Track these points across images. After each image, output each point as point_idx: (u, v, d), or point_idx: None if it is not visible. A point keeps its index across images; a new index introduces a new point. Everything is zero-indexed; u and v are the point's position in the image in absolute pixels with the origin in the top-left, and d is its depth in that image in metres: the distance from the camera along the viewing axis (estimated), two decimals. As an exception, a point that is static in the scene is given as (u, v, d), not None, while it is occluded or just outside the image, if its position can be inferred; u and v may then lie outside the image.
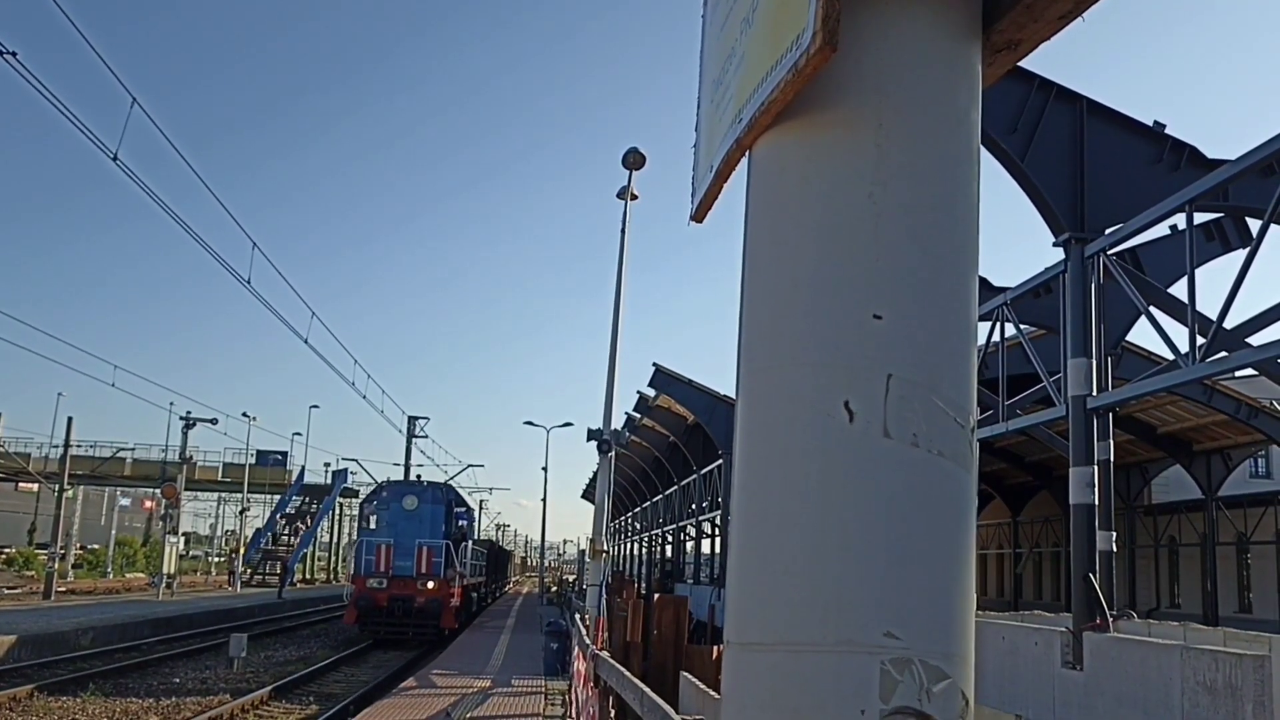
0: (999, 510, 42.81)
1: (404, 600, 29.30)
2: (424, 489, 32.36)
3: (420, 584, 29.51)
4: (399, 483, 33.67)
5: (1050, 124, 14.36)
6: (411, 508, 30.58)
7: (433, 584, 29.44)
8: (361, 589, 29.55)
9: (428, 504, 30.98)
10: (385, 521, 30.69)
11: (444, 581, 29.61)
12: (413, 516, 30.47)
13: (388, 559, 29.94)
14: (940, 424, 1.39)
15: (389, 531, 30.37)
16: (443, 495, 32.13)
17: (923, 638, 1.34)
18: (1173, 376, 13.43)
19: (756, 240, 1.54)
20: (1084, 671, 12.30)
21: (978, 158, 1.53)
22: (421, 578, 29.61)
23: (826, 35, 1.29)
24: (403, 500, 30.95)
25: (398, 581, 29.54)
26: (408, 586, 29.46)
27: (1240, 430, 27.81)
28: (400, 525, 30.32)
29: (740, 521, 1.47)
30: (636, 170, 18.89)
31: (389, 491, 32.22)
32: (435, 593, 29.29)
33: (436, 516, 30.76)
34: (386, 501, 31.35)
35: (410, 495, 31.31)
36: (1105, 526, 15.54)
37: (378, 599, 29.31)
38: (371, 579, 29.56)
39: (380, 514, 31.08)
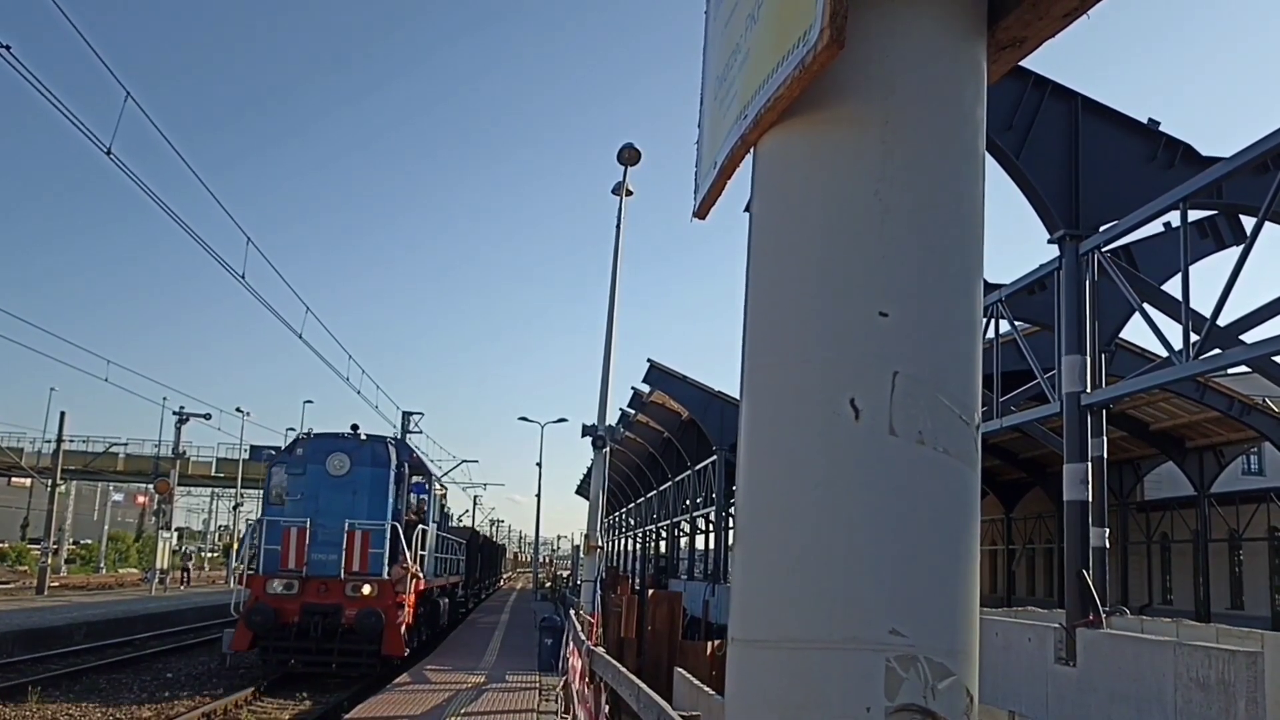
0: (992, 506, 42.91)
1: (325, 613, 19.64)
2: (360, 444, 21.24)
3: (350, 588, 19.89)
4: (323, 436, 21.52)
5: (1045, 121, 14.39)
6: (340, 471, 20.60)
7: (369, 588, 19.85)
8: (259, 596, 19.68)
9: (365, 466, 20.86)
10: (300, 493, 20.62)
11: (388, 584, 20.05)
12: (342, 485, 20.57)
13: (300, 550, 19.96)
14: (945, 421, 1.40)
15: (304, 507, 20.36)
16: (388, 455, 21.41)
17: (928, 635, 1.34)
18: (1166, 373, 13.47)
19: (761, 237, 1.54)
20: (1077, 667, 12.34)
21: (983, 155, 1.54)
22: (353, 578, 19.95)
23: (834, 32, 1.29)
24: (327, 460, 20.69)
25: (315, 585, 19.87)
26: (331, 592, 19.88)
27: (1233, 427, 27.89)
28: (323, 498, 20.42)
29: (745, 518, 1.47)
30: (631, 166, 18.92)
31: (307, 448, 21.27)
32: (374, 600, 19.77)
33: (379, 485, 20.88)
34: (302, 462, 20.92)
35: (339, 453, 20.78)
36: (1098, 523, 15.59)
37: (284, 612, 19.60)
38: (275, 580, 19.78)
39: (293, 481, 20.84)
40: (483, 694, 16.18)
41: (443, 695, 15.70)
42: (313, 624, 19.61)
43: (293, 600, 19.71)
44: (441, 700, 15.18)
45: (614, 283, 19.99)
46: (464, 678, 18.01)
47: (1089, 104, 14.73)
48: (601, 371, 20.00)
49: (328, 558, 20.08)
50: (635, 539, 67.70)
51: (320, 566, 20.05)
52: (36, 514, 58.30)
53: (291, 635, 19.66)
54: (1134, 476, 35.01)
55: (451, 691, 16.16)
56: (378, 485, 20.92)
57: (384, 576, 20.23)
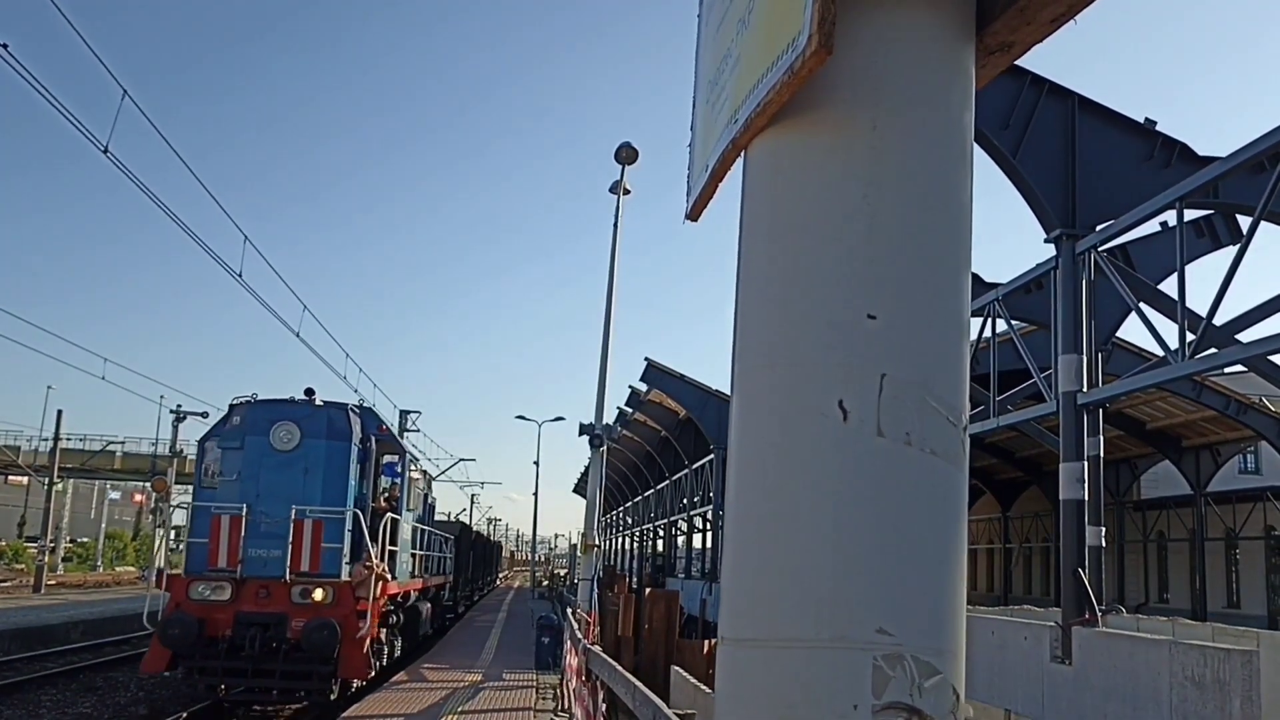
0: (989, 505, 42.98)
1: (265, 624, 15.56)
2: (314, 412, 17.12)
3: (298, 592, 15.74)
4: (267, 402, 17.39)
5: (1042, 121, 14.40)
6: (287, 445, 16.60)
7: (322, 592, 15.73)
8: (180, 602, 15.73)
9: (319, 439, 16.82)
10: (236, 472, 16.59)
11: (346, 587, 15.99)
12: (290, 462, 16.57)
13: (234, 544, 15.96)
14: (933, 423, 1.41)
15: (241, 490, 16.36)
16: (349, 425, 17.32)
17: (915, 634, 1.36)
18: (1162, 372, 13.50)
19: (751, 240, 1.56)
20: (1073, 666, 12.36)
21: (971, 159, 1.55)
22: (302, 580, 15.87)
23: (822, 38, 1.31)
24: (271, 432, 16.63)
25: (253, 588, 15.76)
26: (273, 598, 15.74)
27: (1229, 426, 27.95)
28: (264, 479, 16.42)
29: (735, 519, 1.49)
30: (629, 165, 18.95)
31: (245, 416, 17.00)
32: (328, 609, 15.65)
33: (337, 463, 16.92)
34: (239, 433, 16.82)
35: (286, 423, 16.73)
36: (1095, 522, 15.61)
37: (212, 623, 15.54)
38: (201, 583, 15.74)
39: (227, 458, 16.86)
40: (480, 692, 16.21)
41: (440, 694, 15.73)
42: (249, 638, 15.36)
43: (223, 608, 15.59)
44: (438, 699, 15.21)
45: (611, 281, 20.03)
46: (461, 676, 18.03)
47: (1085, 103, 14.75)
48: (599, 370, 20.05)
49: (269, 554, 15.92)
50: (633, 538, 67.77)
51: (259, 565, 15.89)
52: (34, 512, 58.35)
53: (221, 653, 15.47)
54: (1130, 475, 35.07)
55: (448, 690, 16.19)
56: (335, 463, 16.81)
57: (342, 578, 16.08)
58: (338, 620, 15.48)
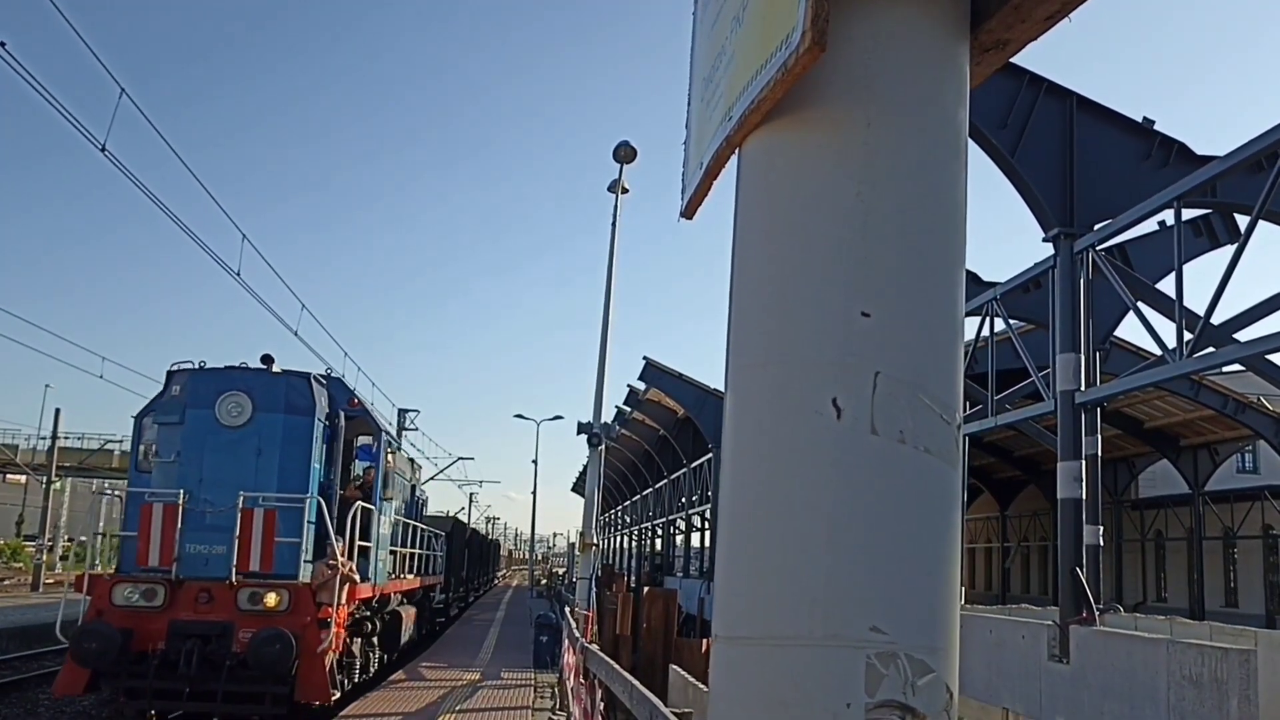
0: (988, 504, 43.03)
1: (205, 636, 12.88)
2: (271, 381, 14.40)
3: (247, 597, 13.15)
4: (212, 370, 14.60)
5: (1040, 120, 14.41)
6: (237, 420, 13.96)
7: (276, 596, 13.13)
8: (102, 608, 13.02)
9: (275, 413, 14.17)
10: (174, 452, 13.96)
11: (305, 591, 13.36)
12: (240, 441, 13.93)
13: (168, 538, 13.27)
14: (927, 421, 1.41)
15: (179, 474, 13.72)
16: (311, 397, 14.54)
17: (908, 632, 1.36)
18: (1160, 372, 13.50)
19: (745, 238, 1.56)
20: (1070, 665, 12.38)
21: (965, 157, 1.55)
22: (252, 582, 13.23)
23: (816, 35, 1.30)
24: (218, 404, 13.98)
25: (192, 592, 13.13)
26: (217, 603, 13.13)
27: (1227, 425, 27.98)
28: (209, 461, 13.79)
29: (728, 517, 1.49)
30: (627, 164, 18.93)
31: (187, 385, 14.26)
32: (283, 617, 13.04)
33: (297, 442, 14.24)
34: (179, 406, 14.11)
35: (235, 394, 14.05)
36: (1092, 521, 15.64)
37: (141, 633, 12.87)
38: (127, 585, 13.08)
39: (165, 435, 14.29)
40: (478, 691, 16.21)
41: (437, 692, 15.72)
42: (185, 653, 12.64)
43: (154, 616, 12.85)
44: (436, 698, 15.20)
45: (610, 280, 20.01)
46: (459, 675, 18.03)
47: (1084, 102, 14.75)
48: (597, 369, 20.03)
49: (211, 550, 13.25)
50: (631, 536, 67.79)
51: (199, 564, 13.24)
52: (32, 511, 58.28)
53: (151, 671, 12.63)
54: (1128, 474, 35.11)
55: (446, 689, 16.19)
56: (295, 441, 14.10)
57: (300, 579, 13.42)
58: (294, 631, 12.77)
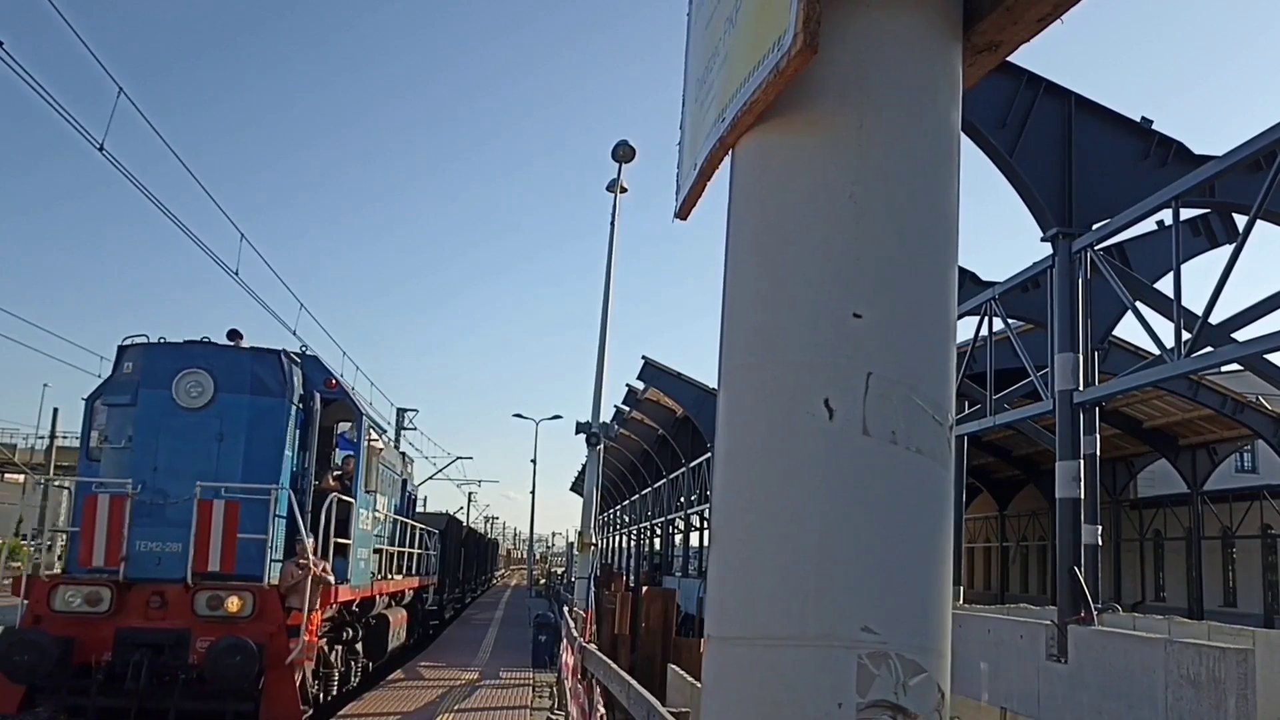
0: (986, 504, 43.03)
1: (157, 646, 11.42)
2: (235, 358, 12.99)
3: (206, 601, 11.66)
4: (169, 345, 12.91)
5: (1039, 120, 14.41)
6: (196, 401, 12.49)
7: (239, 600, 11.71)
8: (40, 614, 11.59)
9: (240, 393, 12.74)
10: (125, 437, 12.54)
11: (272, 595, 11.93)
12: (199, 425, 12.45)
13: (115, 534, 11.74)
14: (919, 421, 1.41)
15: (130, 461, 12.31)
16: (282, 376, 13.11)
17: (900, 632, 1.36)
18: (1158, 371, 13.50)
19: (738, 239, 1.56)
20: (1068, 664, 12.38)
21: (958, 158, 1.55)
22: (211, 583, 11.75)
23: (807, 37, 1.31)
24: (175, 383, 12.50)
25: (143, 595, 11.67)
26: (170, 609, 11.66)
27: (1226, 425, 27.98)
28: (164, 447, 12.34)
29: (721, 517, 1.49)
30: (626, 163, 18.94)
31: (141, 362, 12.75)
32: (246, 624, 11.64)
33: (265, 425, 12.81)
34: (131, 386, 12.62)
35: (195, 371, 12.60)
36: (1091, 520, 15.63)
37: (84, 643, 11.40)
38: (68, 588, 11.66)
39: (115, 418, 12.86)
40: (476, 690, 16.21)
41: (436, 692, 15.72)
42: (134, 665, 11.12)
43: (99, 623, 11.35)
44: (434, 697, 15.20)
45: (608, 279, 20.02)
46: (458, 674, 18.03)
47: (1082, 102, 14.75)
48: (596, 368, 20.04)
49: (165, 548, 11.71)
50: (630, 536, 67.81)
51: (150, 563, 11.71)
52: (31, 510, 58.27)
53: (95, 686, 11.16)
54: (1127, 474, 35.11)
55: (445, 688, 16.19)
56: (263, 425, 12.65)
57: (266, 581, 11.89)
58: (259, 640, 11.31)
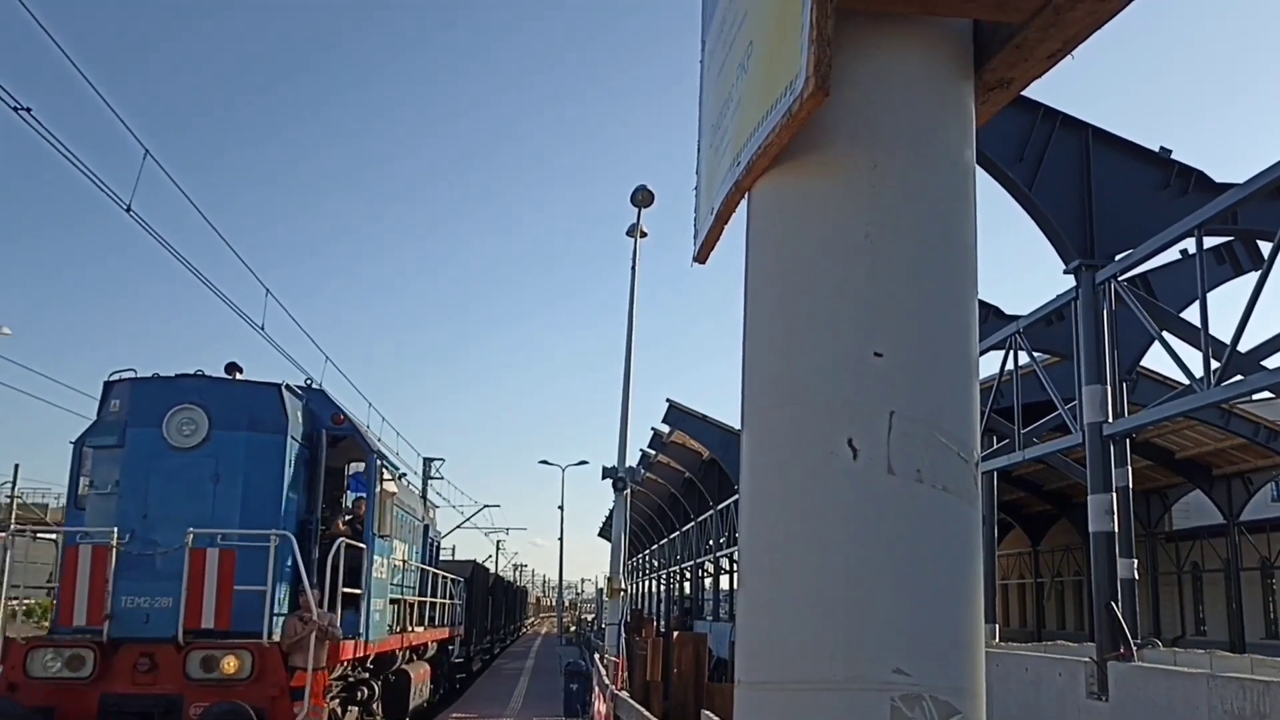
0: (1019, 540, 42.48)
1: (146, 713, 10.22)
2: (231, 392, 11.94)
3: (199, 663, 10.38)
4: (159, 380, 11.81)
5: (1056, 152, 14.41)
6: (189, 441, 11.43)
7: (235, 661, 10.38)
8: (15, 681, 10.17)
9: (237, 430, 11.70)
10: (111, 481, 11.59)
11: (273, 654, 10.55)
12: (192, 466, 11.43)
13: (98, 589, 10.55)
14: (943, 459, 1.41)
15: (119, 508, 11.18)
16: (282, 411, 12.09)
17: (932, 673, 1.35)
18: (1188, 401, 13.36)
19: (757, 281, 1.57)
20: (1109, 702, 12.15)
21: (973, 194, 1.56)
22: (205, 642, 10.46)
23: (819, 80, 1.32)
24: (166, 421, 11.39)
25: (130, 656, 10.37)
26: (160, 671, 10.34)
27: (1260, 454, 27.57)
28: (154, 491, 11.28)
29: (748, 560, 1.49)
30: (645, 208, 19.06)
31: (128, 398, 11.72)
32: (244, 687, 10.32)
33: (264, 465, 11.82)
34: (118, 425, 11.65)
35: (187, 408, 11.44)
36: (1126, 554, 15.42)
37: (65, 712, 10.12)
38: (47, 651, 10.37)
39: (102, 461, 11.91)
40: (508, 741, 16.07)
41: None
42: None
43: (81, 689, 10.19)
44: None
45: (631, 323, 20.09)
46: (489, 725, 17.89)
47: (1099, 134, 14.76)
48: (620, 412, 20.04)
49: (155, 603, 10.64)
50: (659, 581, 67.36)
51: (138, 621, 10.57)
52: (62, 569, 58.09)
53: None
54: (1161, 506, 34.60)
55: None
56: (262, 465, 11.60)
57: (266, 639, 10.55)
58: (259, 704, 10.22)
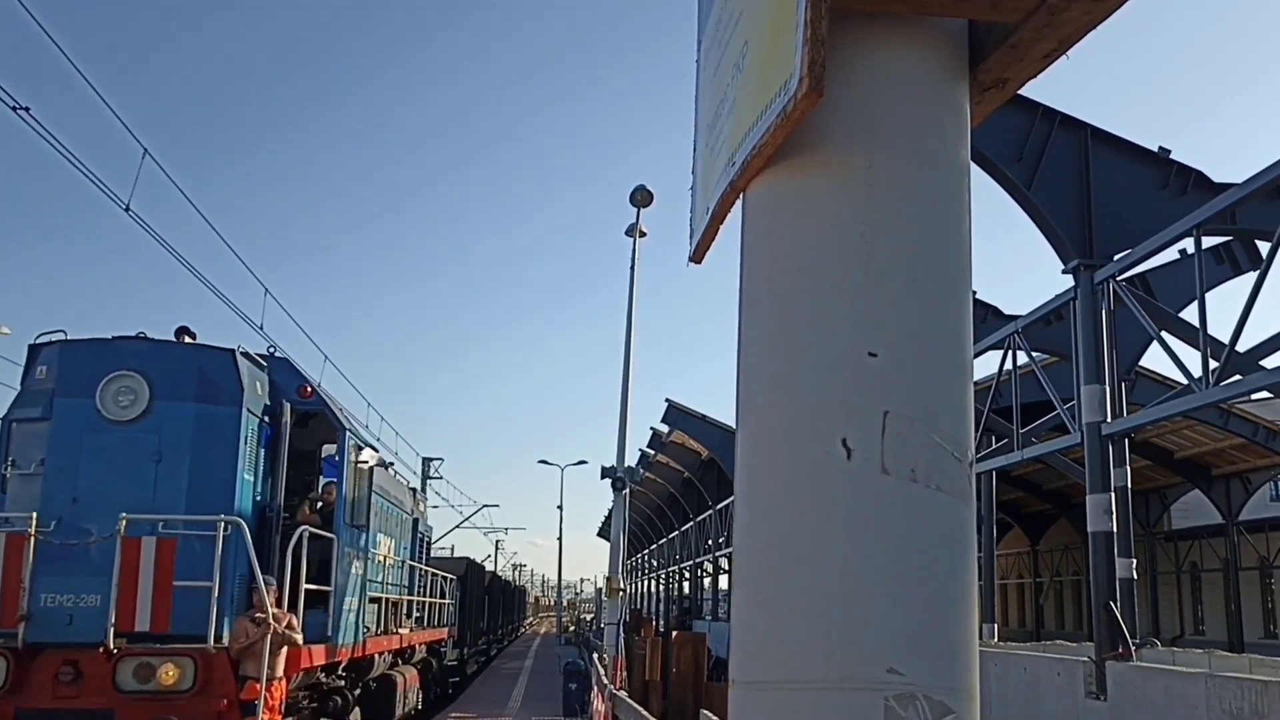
0: (1018, 539, 42.49)
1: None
2: (174, 357, 9.97)
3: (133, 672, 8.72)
4: (93, 344, 9.89)
5: (1055, 152, 14.41)
6: (128, 413, 9.51)
7: (175, 670, 8.69)
8: None
9: (184, 402, 9.75)
10: (33, 460, 9.59)
11: (218, 660, 8.89)
12: (131, 443, 9.50)
13: (10, 585, 8.89)
14: (938, 459, 1.41)
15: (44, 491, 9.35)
16: (236, 380, 10.13)
17: (926, 672, 1.35)
18: (1186, 401, 13.36)
19: (752, 281, 1.57)
20: (1108, 702, 12.16)
21: (968, 194, 1.56)
22: (136, 649, 8.81)
23: (813, 81, 1.32)
24: (100, 391, 9.50)
25: (49, 665, 8.76)
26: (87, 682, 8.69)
27: (1259, 453, 27.57)
28: (85, 471, 9.40)
29: (742, 559, 1.49)
30: (644, 208, 19.02)
31: (57, 365, 9.79)
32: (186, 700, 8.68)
33: (214, 441, 9.87)
34: (44, 395, 9.71)
35: (125, 375, 9.58)
36: (1125, 554, 15.42)
37: None
38: None
39: (26, 436, 9.80)
40: (507, 741, 16.06)
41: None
42: None
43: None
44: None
45: (630, 323, 20.05)
46: (488, 725, 17.88)
47: (1098, 134, 14.75)
48: (619, 412, 20.01)
49: (80, 601, 9.01)
50: (658, 580, 67.33)
51: (59, 623, 9.00)
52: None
53: None
54: (1160, 505, 34.61)
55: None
56: (212, 442, 9.85)
57: (213, 644, 8.87)
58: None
